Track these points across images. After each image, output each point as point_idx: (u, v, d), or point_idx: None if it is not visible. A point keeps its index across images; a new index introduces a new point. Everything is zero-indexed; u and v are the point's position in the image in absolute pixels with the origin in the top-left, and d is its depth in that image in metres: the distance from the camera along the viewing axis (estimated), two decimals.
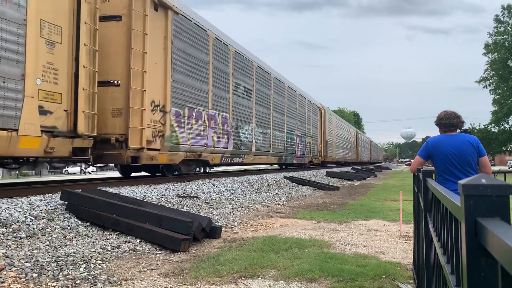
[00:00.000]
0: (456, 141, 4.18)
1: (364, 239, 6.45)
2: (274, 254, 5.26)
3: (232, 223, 7.72)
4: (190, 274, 4.36)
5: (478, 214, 0.96)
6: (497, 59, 41.29)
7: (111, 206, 6.10)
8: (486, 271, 0.94)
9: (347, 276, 4.26)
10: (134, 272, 4.45)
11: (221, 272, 4.39)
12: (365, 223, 7.98)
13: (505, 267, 0.70)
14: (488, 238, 0.86)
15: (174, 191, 9.41)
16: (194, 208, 8.26)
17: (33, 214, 5.61)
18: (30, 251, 4.57)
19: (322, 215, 8.92)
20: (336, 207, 10.75)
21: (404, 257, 5.29)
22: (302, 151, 24.77)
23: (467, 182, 0.98)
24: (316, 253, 5.30)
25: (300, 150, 24.22)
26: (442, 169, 4.20)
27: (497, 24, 41.59)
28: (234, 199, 10.24)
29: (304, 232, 6.92)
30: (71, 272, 4.17)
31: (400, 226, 7.14)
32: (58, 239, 5.15)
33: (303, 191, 14.72)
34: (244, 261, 4.80)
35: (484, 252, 0.93)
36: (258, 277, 4.30)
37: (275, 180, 15.63)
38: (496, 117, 41.65)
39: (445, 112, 4.37)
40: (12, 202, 5.89)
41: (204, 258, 5.05)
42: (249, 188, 12.47)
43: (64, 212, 6.06)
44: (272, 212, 9.52)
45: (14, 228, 5.07)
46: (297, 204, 11.39)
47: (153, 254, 5.24)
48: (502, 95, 41.68)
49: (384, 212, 9.60)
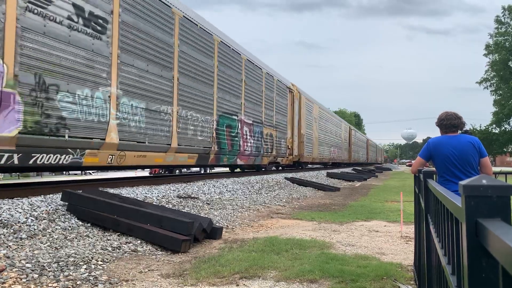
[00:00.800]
0: (457, 142, 4.18)
1: (365, 240, 6.44)
2: (275, 255, 5.25)
3: (232, 224, 7.71)
4: (191, 275, 4.35)
5: (479, 215, 0.96)
6: (498, 60, 41.32)
7: (111, 207, 6.10)
8: (487, 272, 0.94)
9: (348, 277, 4.26)
10: (135, 273, 4.45)
11: (222, 273, 4.38)
12: (366, 224, 7.97)
13: (506, 267, 0.70)
14: (489, 238, 0.86)
15: (175, 192, 9.41)
16: (194, 209, 8.26)
17: (34, 215, 5.61)
18: (31, 251, 4.57)
19: (323, 216, 8.91)
20: (337, 208, 10.74)
21: (405, 258, 5.29)
22: (257, 147, 16.50)
23: (468, 183, 0.98)
24: (317, 254, 5.30)
25: (251, 145, 15.87)
26: (443, 169, 4.20)
27: (497, 25, 41.60)
28: (235, 200, 10.24)
29: (305, 233, 6.92)
30: (72, 273, 4.17)
31: (401, 227, 7.14)
32: (59, 239, 5.16)
33: (304, 192, 14.71)
34: (244, 262, 4.80)
35: (485, 252, 0.93)
36: (259, 278, 4.30)
37: (276, 180, 15.62)
38: (497, 118, 41.67)
39: (446, 113, 4.37)
40: (13, 203, 5.90)
41: (205, 259, 5.05)
42: (249, 189, 12.47)
43: (65, 213, 6.06)
44: (273, 212, 9.52)
45: (15, 229, 5.07)
46: (298, 205, 11.39)
47: (153, 255, 5.24)
48: (503, 96, 41.70)
49: (385, 213, 9.59)
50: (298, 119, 23.05)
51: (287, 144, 21.08)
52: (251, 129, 16.03)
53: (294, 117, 22.30)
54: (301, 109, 23.73)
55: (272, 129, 18.71)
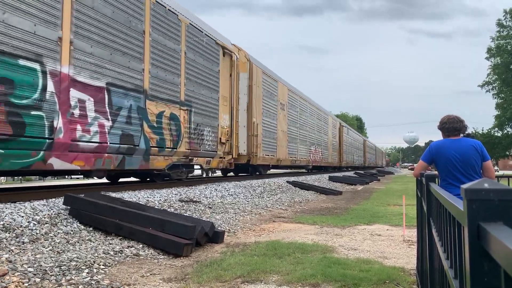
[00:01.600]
0: (459, 146, 4.17)
1: (367, 244, 6.43)
2: (277, 259, 5.24)
3: (234, 228, 7.71)
4: (193, 279, 4.35)
5: (481, 219, 0.96)
6: (500, 63, 41.32)
7: (113, 211, 6.10)
8: (489, 276, 0.94)
9: (350, 281, 4.24)
10: (137, 277, 4.45)
11: (224, 277, 4.38)
12: (368, 228, 7.95)
13: (508, 271, 0.70)
14: (491, 242, 0.86)
15: (177, 195, 9.41)
16: (196, 213, 8.26)
17: (36, 219, 5.62)
18: (33, 255, 4.58)
19: (325, 220, 8.90)
20: (339, 211, 10.72)
21: (407, 261, 5.27)
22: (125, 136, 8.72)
23: (470, 187, 0.98)
24: (319, 258, 5.28)
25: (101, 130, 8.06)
26: (446, 173, 4.19)
27: (499, 28, 41.63)
28: (237, 204, 10.23)
29: (307, 236, 6.90)
30: (73, 277, 4.17)
31: (404, 231, 7.12)
32: (61, 243, 5.16)
33: (306, 195, 14.70)
34: (247, 266, 4.79)
35: (487, 256, 0.92)
36: (261, 282, 4.29)
37: (278, 184, 15.61)
38: (499, 121, 41.64)
39: (448, 116, 4.37)
40: (15, 207, 5.91)
41: (207, 263, 5.04)
42: (251, 192, 12.47)
43: (67, 217, 6.07)
44: (275, 216, 9.51)
45: (17, 233, 5.08)
46: (300, 208, 11.37)
47: (155, 259, 5.24)
48: (505, 99, 41.68)
49: (387, 216, 9.56)
50: (247, 101, 15.43)
51: (220, 136, 12.96)
52: (102, 99, 8.09)
53: (237, 97, 14.50)
54: (253, 86, 15.63)
55: (180, 108, 10.78)
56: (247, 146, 15.48)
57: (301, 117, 23.77)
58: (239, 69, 14.82)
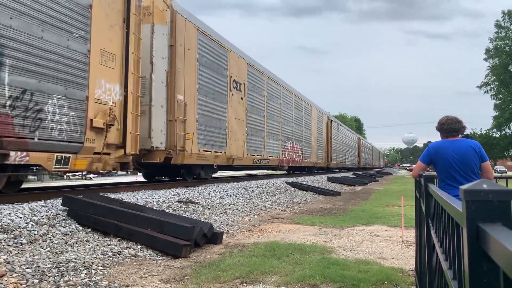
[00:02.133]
0: (458, 146, 4.17)
1: (366, 244, 6.43)
2: (276, 259, 5.24)
3: (233, 229, 7.70)
4: (191, 280, 4.34)
5: (479, 220, 0.96)
6: (498, 64, 41.44)
7: (112, 212, 6.09)
8: (488, 277, 0.94)
9: (349, 282, 4.24)
10: (135, 278, 4.44)
11: (223, 278, 4.37)
12: (367, 229, 7.95)
13: (507, 272, 0.70)
14: (489, 243, 0.85)
15: (175, 196, 9.40)
16: (195, 214, 8.25)
17: (35, 220, 5.61)
18: (31, 256, 4.57)
19: (324, 221, 8.90)
20: (337, 212, 10.72)
21: (406, 262, 5.27)
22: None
23: (469, 188, 0.98)
24: (318, 258, 5.28)
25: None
26: (444, 174, 4.19)
27: (497, 30, 41.75)
28: (236, 205, 10.23)
29: (306, 237, 6.90)
30: (72, 278, 4.16)
31: (402, 232, 7.12)
32: (59, 244, 5.15)
33: (305, 196, 14.69)
34: (245, 267, 4.79)
35: (486, 257, 0.92)
36: (260, 283, 4.29)
37: (277, 185, 15.61)
38: (497, 122, 41.73)
39: (446, 117, 4.37)
40: (13, 208, 5.90)
41: (206, 263, 5.03)
42: (250, 193, 12.46)
43: (65, 218, 6.05)
44: (274, 217, 9.50)
45: (15, 234, 5.07)
46: (299, 209, 11.37)
47: (154, 260, 5.23)
48: (503, 100, 41.79)
49: (386, 217, 9.57)
50: (167, 70, 10.43)
51: (92, 116, 7.80)
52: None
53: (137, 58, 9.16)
54: (178, 48, 10.70)
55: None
56: (167, 136, 10.41)
57: (271, 104, 18.45)
58: (151, 19, 10.23)
